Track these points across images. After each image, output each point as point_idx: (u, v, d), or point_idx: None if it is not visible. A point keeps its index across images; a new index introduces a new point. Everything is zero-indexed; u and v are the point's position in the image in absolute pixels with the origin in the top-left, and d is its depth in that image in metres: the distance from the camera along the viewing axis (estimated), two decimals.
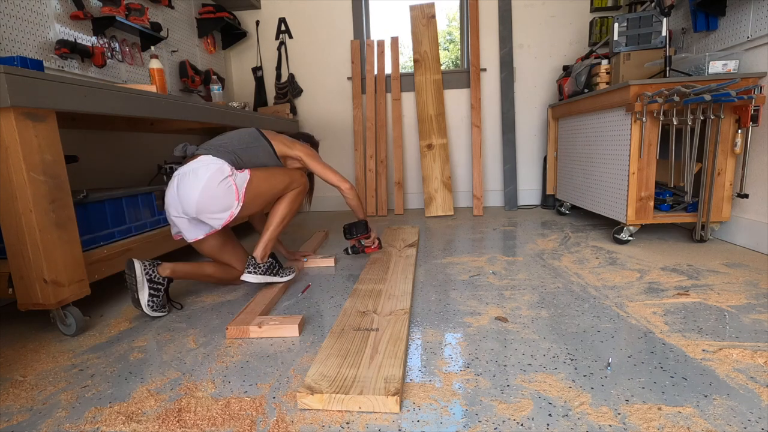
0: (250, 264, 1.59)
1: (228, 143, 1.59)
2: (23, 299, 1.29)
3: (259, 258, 1.60)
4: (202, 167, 1.49)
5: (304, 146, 1.77)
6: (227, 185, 1.48)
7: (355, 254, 2.06)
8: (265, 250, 1.62)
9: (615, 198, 2.17)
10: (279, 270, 1.67)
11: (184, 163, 1.55)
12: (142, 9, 2.33)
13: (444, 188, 3.31)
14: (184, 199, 1.47)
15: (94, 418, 0.94)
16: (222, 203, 1.48)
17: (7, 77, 1.12)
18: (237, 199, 1.50)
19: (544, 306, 1.43)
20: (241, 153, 1.58)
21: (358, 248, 2.03)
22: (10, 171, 1.19)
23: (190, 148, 1.59)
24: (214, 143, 1.60)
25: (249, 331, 1.30)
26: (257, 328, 1.29)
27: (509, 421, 0.86)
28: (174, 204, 1.52)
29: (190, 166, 1.51)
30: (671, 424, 0.83)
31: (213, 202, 1.47)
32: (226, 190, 1.48)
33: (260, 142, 1.65)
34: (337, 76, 3.61)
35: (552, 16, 3.32)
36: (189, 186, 1.47)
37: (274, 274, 1.64)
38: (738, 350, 1.08)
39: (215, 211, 1.48)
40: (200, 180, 1.46)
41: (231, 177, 1.49)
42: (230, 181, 1.49)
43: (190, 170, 1.49)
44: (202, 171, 1.48)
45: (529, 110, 3.48)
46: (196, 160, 1.52)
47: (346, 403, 0.91)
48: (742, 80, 1.85)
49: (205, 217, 1.50)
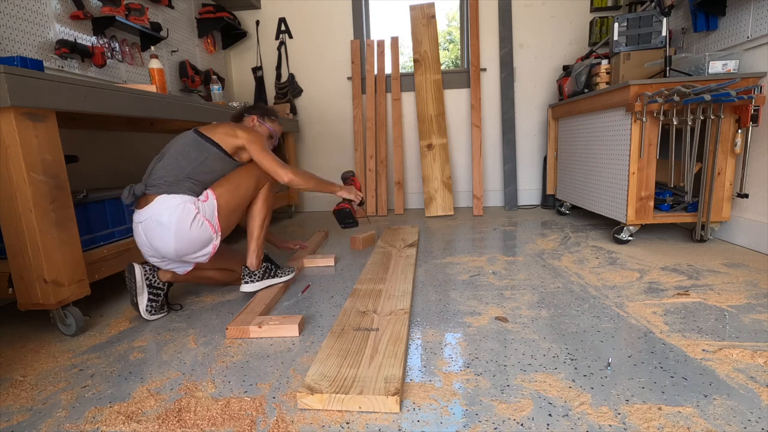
0: (245, 274, 1.58)
1: (175, 168, 1.41)
2: (23, 299, 1.29)
3: (254, 266, 1.59)
4: (165, 212, 1.35)
5: (246, 131, 1.56)
6: (199, 224, 1.39)
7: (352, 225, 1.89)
8: (257, 258, 1.60)
9: (615, 198, 2.17)
10: (276, 271, 1.66)
11: (139, 207, 1.41)
12: (142, 9, 2.33)
13: (444, 188, 3.31)
14: (161, 249, 1.39)
15: (94, 418, 0.94)
16: (200, 243, 1.42)
17: (7, 77, 1.12)
18: (214, 232, 1.44)
19: (544, 306, 1.43)
20: (195, 174, 1.43)
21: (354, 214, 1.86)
22: (10, 171, 1.19)
23: (138, 188, 1.40)
24: (162, 175, 1.41)
25: (249, 331, 1.30)
26: (257, 328, 1.29)
27: (509, 421, 0.86)
28: (149, 251, 1.43)
29: (149, 212, 1.37)
30: (671, 424, 0.83)
31: (191, 246, 1.40)
32: (200, 230, 1.40)
33: (209, 151, 1.47)
34: (337, 76, 3.61)
35: (552, 16, 3.32)
36: (159, 237, 1.37)
37: (271, 276, 1.63)
38: (738, 350, 1.08)
39: (196, 251, 1.43)
40: (169, 229, 1.35)
41: (199, 214, 1.39)
42: (200, 218, 1.39)
43: (150, 218, 1.36)
44: (166, 217, 1.35)
45: (529, 110, 3.48)
46: (152, 205, 1.37)
47: (346, 403, 0.91)
48: (742, 80, 1.85)
49: (189, 258, 1.44)
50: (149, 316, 1.46)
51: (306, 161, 3.78)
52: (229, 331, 1.30)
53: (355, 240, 2.33)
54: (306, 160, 3.78)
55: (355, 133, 3.54)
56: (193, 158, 1.45)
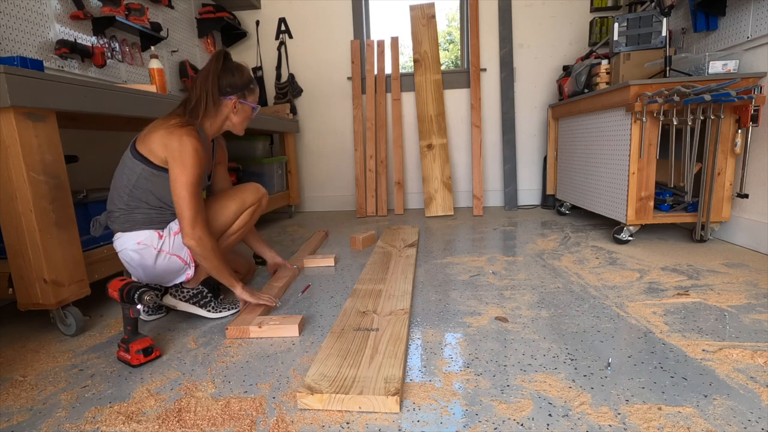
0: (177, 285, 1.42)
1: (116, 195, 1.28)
2: (23, 299, 1.29)
3: (190, 283, 1.43)
4: (128, 252, 1.29)
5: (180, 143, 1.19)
6: (165, 259, 1.30)
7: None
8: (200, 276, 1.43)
9: (615, 198, 2.17)
10: (210, 302, 1.44)
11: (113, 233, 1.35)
12: (142, 9, 2.33)
13: (444, 188, 3.31)
14: (136, 277, 1.36)
15: (94, 418, 0.94)
16: (172, 275, 1.35)
17: (7, 77, 1.11)
18: (185, 264, 1.34)
19: (544, 306, 1.43)
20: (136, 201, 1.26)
21: None
22: (10, 171, 1.19)
23: (102, 219, 1.35)
24: (112, 206, 1.30)
25: (249, 331, 1.29)
26: (257, 328, 1.29)
27: (509, 421, 0.86)
28: None
29: (115, 243, 1.32)
30: (671, 424, 0.83)
31: (164, 278, 1.35)
32: (168, 263, 1.31)
33: (136, 170, 1.24)
34: (337, 76, 3.61)
35: (552, 16, 3.32)
36: (132, 271, 1.34)
37: (199, 305, 1.43)
38: (738, 350, 1.08)
39: (171, 279, 1.37)
40: (136, 267, 1.31)
41: (163, 252, 1.29)
42: (165, 255, 1.29)
43: (119, 252, 1.32)
44: (129, 256, 1.29)
45: (529, 110, 3.48)
46: (116, 241, 1.31)
47: (346, 403, 0.91)
48: (742, 80, 1.85)
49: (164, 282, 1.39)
50: (147, 316, 1.46)
51: (306, 161, 3.78)
52: (229, 331, 1.30)
53: (355, 240, 2.33)
54: (306, 160, 3.78)
55: (355, 133, 3.54)
56: (125, 182, 1.26)
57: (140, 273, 1.35)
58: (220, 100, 1.32)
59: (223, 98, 1.33)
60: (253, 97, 1.40)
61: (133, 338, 1.16)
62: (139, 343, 1.15)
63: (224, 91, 1.32)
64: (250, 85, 1.37)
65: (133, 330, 1.16)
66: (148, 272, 1.34)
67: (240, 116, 1.39)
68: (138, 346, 1.14)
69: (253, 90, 1.39)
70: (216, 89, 1.30)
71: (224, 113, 1.36)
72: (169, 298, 1.42)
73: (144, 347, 1.15)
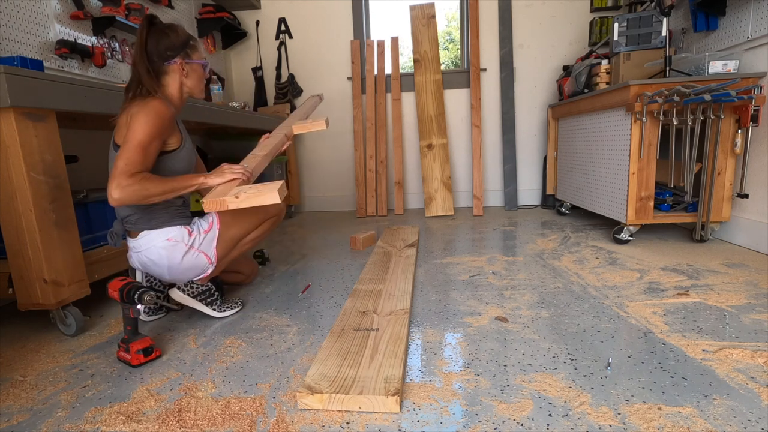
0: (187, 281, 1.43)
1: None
2: (23, 299, 1.29)
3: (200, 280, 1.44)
4: (153, 251, 1.30)
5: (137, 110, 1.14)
6: (193, 256, 1.34)
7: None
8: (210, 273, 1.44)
9: (615, 198, 2.17)
10: (216, 300, 1.45)
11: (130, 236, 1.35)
12: (142, 9, 2.33)
13: (444, 188, 3.31)
14: (156, 274, 1.37)
15: (94, 418, 0.94)
16: (194, 271, 1.38)
17: (7, 77, 1.12)
18: (210, 263, 1.38)
19: (544, 306, 1.43)
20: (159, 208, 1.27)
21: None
22: (10, 171, 1.19)
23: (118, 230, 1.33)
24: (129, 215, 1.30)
25: (227, 203, 1.14)
26: (234, 198, 1.13)
27: (509, 421, 0.86)
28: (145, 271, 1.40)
29: (138, 246, 1.31)
30: (671, 424, 0.83)
31: (185, 274, 1.37)
32: (195, 260, 1.35)
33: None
34: (337, 76, 3.61)
35: (552, 16, 3.32)
36: (152, 270, 1.35)
37: (205, 302, 1.43)
38: (738, 350, 1.08)
39: (190, 277, 1.40)
40: (161, 265, 1.32)
41: (194, 248, 1.33)
42: (194, 252, 1.33)
43: (140, 253, 1.32)
44: (155, 255, 1.30)
45: (529, 110, 3.47)
46: (139, 241, 1.31)
47: (346, 403, 0.91)
48: (742, 80, 1.85)
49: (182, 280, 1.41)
50: (147, 317, 1.46)
51: (306, 161, 3.78)
52: (206, 204, 1.14)
53: (355, 240, 2.33)
54: (306, 160, 3.78)
55: (355, 133, 3.54)
56: None
57: (163, 271, 1.34)
58: (164, 67, 1.25)
59: (167, 64, 1.24)
60: (197, 54, 1.30)
61: (133, 338, 1.16)
62: (139, 343, 1.15)
63: (165, 55, 1.23)
64: (189, 42, 1.28)
65: (133, 330, 1.16)
66: (173, 269, 1.34)
67: (193, 78, 1.31)
68: (138, 346, 1.15)
69: (194, 46, 1.29)
70: (155, 56, 1.22)
71: (177, 79, 1.28)
72: (177, 292, 1.39)
73: (144, 347, 1.15)
